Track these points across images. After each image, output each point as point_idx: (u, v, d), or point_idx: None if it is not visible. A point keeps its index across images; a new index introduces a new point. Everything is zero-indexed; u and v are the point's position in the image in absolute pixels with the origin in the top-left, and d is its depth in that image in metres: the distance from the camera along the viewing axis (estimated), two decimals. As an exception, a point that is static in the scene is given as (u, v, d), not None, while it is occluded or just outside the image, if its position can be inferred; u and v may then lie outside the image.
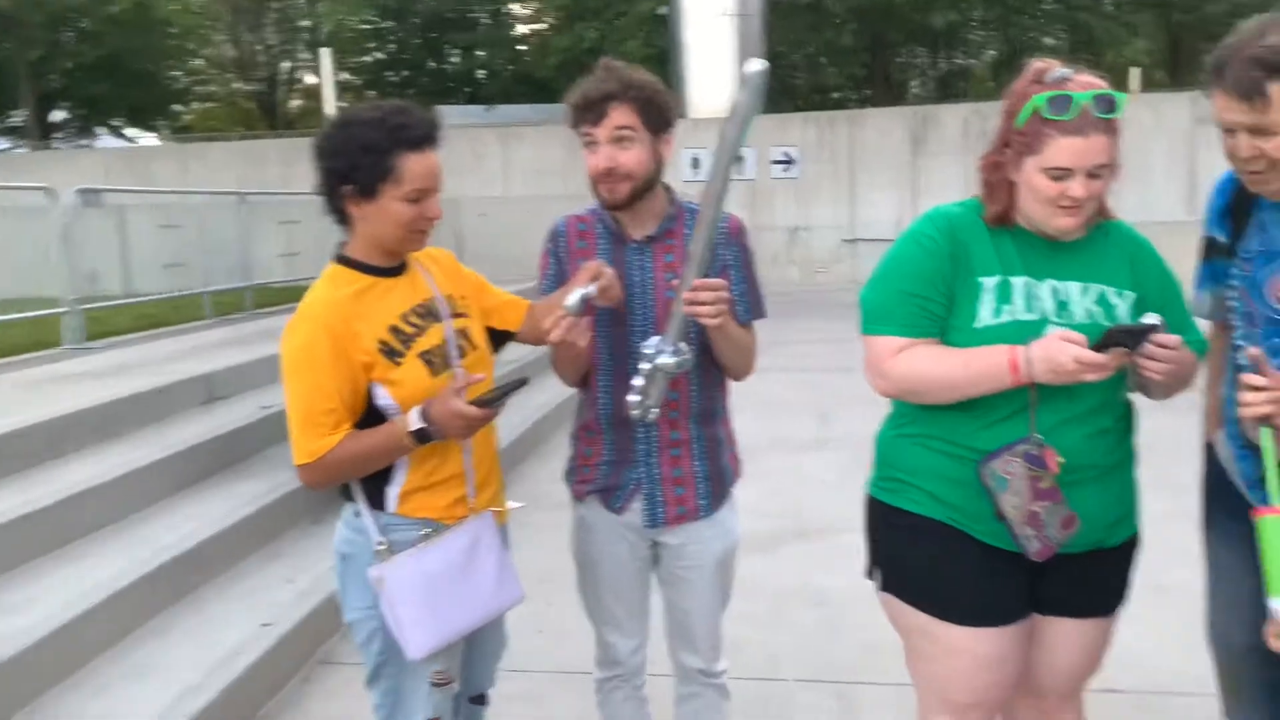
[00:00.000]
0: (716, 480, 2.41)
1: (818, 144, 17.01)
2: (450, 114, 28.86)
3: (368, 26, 34.99)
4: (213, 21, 33.78)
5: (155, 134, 36.91)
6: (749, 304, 2.38)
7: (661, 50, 23.24)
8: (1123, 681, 2.08)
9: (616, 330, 2.30)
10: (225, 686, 3.23)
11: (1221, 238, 2.13)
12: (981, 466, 1.87)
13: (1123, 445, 2.00)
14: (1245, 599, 2.11)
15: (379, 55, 36.90)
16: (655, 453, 2.34)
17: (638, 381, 2.13)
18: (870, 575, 2.15)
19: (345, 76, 33.35)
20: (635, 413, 2.15)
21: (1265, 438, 1.80)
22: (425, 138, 2.02)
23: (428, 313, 2.14)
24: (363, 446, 2.03)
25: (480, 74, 34.42)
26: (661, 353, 2.10)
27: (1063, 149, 1.81)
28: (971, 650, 1.98)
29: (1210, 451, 2.23)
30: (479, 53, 33.46)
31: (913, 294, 1.95)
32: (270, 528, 4.58)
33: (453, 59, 35.39)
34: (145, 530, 4.24)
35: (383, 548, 2.07)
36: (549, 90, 32.59)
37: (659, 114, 2.24)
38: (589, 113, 2.20)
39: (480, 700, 2.41)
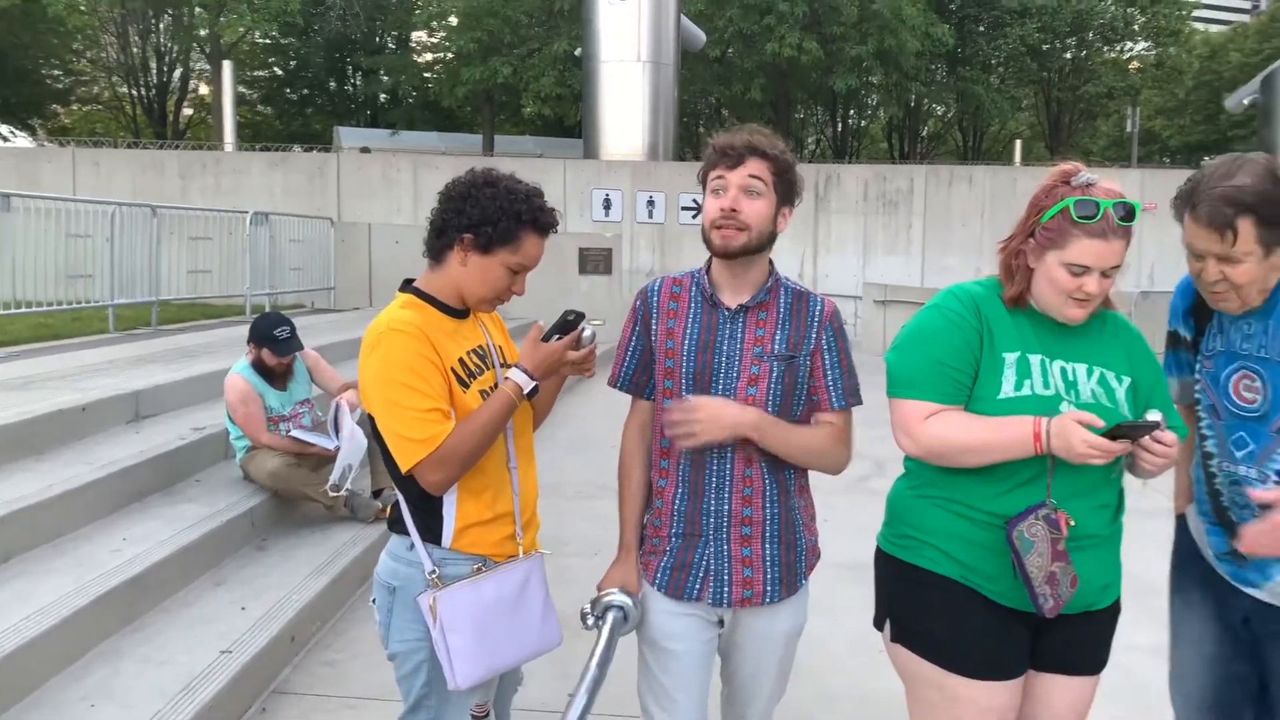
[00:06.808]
0: (788, 565, 2.28)
1: (724, 194, 17.45)
2: (352, 135, 28.35)
3: (268, 41, 34.23)
4: (103, 23, 32.51)
5: (30, 134, 35.18)
6: (841, 390, 2.27)
7: (574, 91, 23.52)
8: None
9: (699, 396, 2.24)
10: (194, 714, 3.17)
11: (1186, 334, 2.37)
12: (1010, 528, 2.00)
13: (1117, 519, 2.17)
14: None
15: (278, 71, 36.16)
16: (726, 529, 2.24)
17: (589, 620, 2.23)
18: (879, 626, 2.26)
19: (241, 90, 32.50)
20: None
21: None
22: (550, 227, 2.18)
23: (482, 358, 2.24)
24: (478, 421, 2.08)
25: (383, 98, 34.07)
26: (612, 608, 2.23)
27: (1086, 249, 1.99)
28: (977, 702, 2.07)
29: (1181, 524, 2.45)
30: (383, 76, 33.10)
31: (943, 363, 2.10)
32: (215, 553, 4.49)
33: (355, 81, 34.96)
34: (84, 552, 4.11)
35: (435, 576, 2.13)
36: (454, 120, 32.46)
37: (789, 184, 2.25)
38: (727, 158, 2.21)
39: (495, 734, 2.45)
